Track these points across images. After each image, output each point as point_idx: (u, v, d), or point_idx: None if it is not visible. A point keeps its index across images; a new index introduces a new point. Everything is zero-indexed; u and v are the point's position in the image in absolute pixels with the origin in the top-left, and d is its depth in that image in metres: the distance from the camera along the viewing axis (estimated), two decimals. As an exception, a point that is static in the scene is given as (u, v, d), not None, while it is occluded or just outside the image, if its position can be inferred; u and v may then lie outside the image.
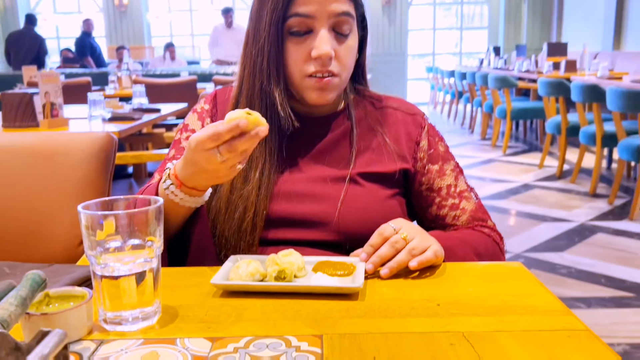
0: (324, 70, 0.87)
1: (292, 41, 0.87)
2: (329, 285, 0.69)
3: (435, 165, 0.97)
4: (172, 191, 0.78)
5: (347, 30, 0.89)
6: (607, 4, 8.53)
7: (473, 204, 0.97)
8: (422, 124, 0.99)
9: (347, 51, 0.89)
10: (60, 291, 0.62)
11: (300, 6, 0.85)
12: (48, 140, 1.25)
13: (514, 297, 0.67)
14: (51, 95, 2.40)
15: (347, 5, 0.87)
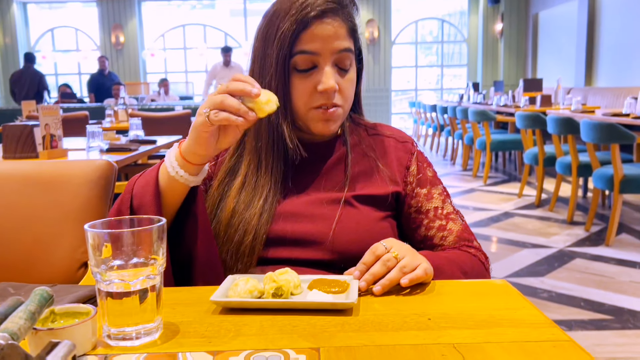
0: (330, 103, 0.92)
1: (298, 76, 0.92)
2: (324, 301, 0.71)
3: (424, 189, 1.02)
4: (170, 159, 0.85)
5: (348, 65, 0.94)
6: (579, 42, 8.86)
7: (459, 226, 1.01)
8: (412, 150, 1.05)
9: (348, 84, 0.95)
10: (66, 308, 0.64)
11: (306, 44, 0.90)
12: (49, 167, 1.27)
13: (501, 311, 0.71)
14: (51, 127, 2.44)
15: (348, 42, 0.93)
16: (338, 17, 0.92)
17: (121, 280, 0.62)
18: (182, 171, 0.84)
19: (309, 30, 0.90)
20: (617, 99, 6.59)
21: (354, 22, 0.96)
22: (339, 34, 0.92)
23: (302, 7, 0.90)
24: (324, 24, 0.91)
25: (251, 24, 12.44)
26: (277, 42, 0.91)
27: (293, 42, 0.90)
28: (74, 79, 12.67)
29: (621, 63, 7.83)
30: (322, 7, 0.91)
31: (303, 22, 0.90)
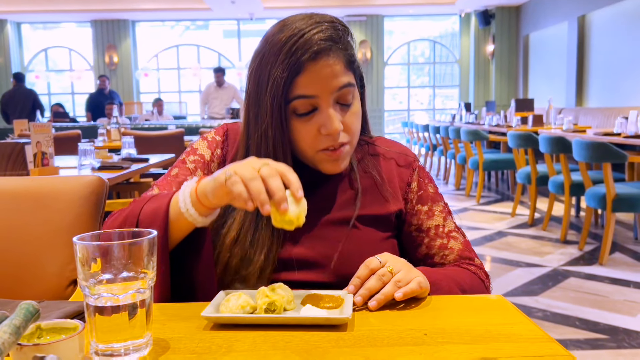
0: (337, 145, 0.89)
1: (299, 120, 0.88)
2: (318, 316, 0.70)
3: (425, 207, 0.99)
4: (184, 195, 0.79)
5: (350, 99, 0.90)
6: (569, 64, 8.98)
7: (460, 244, 0.99)
8: (414, 165, 1.02)
9: (353, 118, 0.91)
10: (52, 323, 0.62)
11: (302, 89, 0.85)
12: (39, 183, 1.26)
13: (498, 326, 0.70)
14: (42, 145, 2.42)
15: (347, 77, 0.88)
16: (332, 54, 0.86)
17: (110, 294, 0.61)
18: (192, 209, 0.78)
19: (304, 75, 0.85)
20: (608, 119, 6.65)
21: (350, 52, 0.90)
22: (336, 72, 0.87)
23: (293, 51, 0.84)
24: (319, 65, 0.85)
25: (245, 44, 12.55)
26: (270, 90, 0.86)
27: (287, 89, 0.85)
28: (67, 98, 12.68)
29: (611, 84, 7.93)
30: (314, 48, 0.85)
31: (296, 68, 0.84)
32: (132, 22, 12.21)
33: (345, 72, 0.88)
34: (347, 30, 0.91)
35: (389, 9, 11.58)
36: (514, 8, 11.21)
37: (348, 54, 0.89)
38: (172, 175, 0.98)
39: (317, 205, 0.93)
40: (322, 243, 0.90)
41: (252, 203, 0.71)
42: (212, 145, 1.01)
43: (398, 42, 12.61)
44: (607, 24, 8.06)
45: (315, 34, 0.85)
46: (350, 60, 0.90)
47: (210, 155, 1.00)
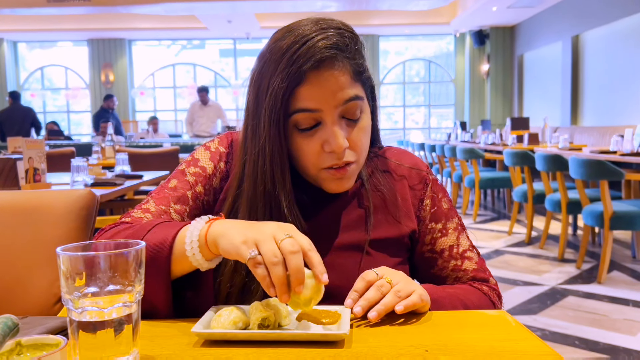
0: (341, 163, 0.82)
1: (300, 136, 0.81)
2: (314, 332, 0.67)
3: (439, 224, 0.93)
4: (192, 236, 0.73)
5: (357, 114, 0.83)
6: (564, 83, 9.06)
7: (475, 264, 0.94)
8: (427, 180, 0.95)
9: (361, 134, 0.83)
10: (33, 339, 0.59)
11: (304, 101, 0.78)
12: (29, 197, 1.23)
13: (502, 342, 0.67)
14: (35, 161, 2.39)
15: (354, 89, 0.81)
16: (337, 63, 0.79)
17: (95, 307, 0.58)
18: (199, 255, 0.73)
19: (305, 86, 0.78)
20: (603, 138, 6.68)
21: (358, 62, 0.82)
22: (342, 83, 0.79)
23: (294, 59, 0.77)
24: (322, 76, 0.78)
25: (241, 63, 12.62)
26: (268, 102, 0.79)
27: (287, 101, 0.78)
28: (63, 116, 12.67)
29: (606, 102, 7.98)
30: (317, 56, 0.77)
31: (297, 77, 0.77)
32: (129, 41, 12.27)
33: (352, 84, 0.81)
34: (355, 38, 0.83)
35: (384, 29, 11.69)
36: (508, 28, 11.33)
37: (356, 63, 0.82)
38: (169, 188, 0.90)
39: (323, 226, 0.87)
40: (332, 272, 0.81)
41: (274, 290, 0.66)
42: (215, 157, 0.92)
43: (393, 62, 12.71)
44: (600, 43, 8.15)
45: (319, 40, 0.78)
46: (358, 71, 0.82)
47: (212, 168, 0.91)
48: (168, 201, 0.89)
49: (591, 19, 8.11)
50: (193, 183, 0.90)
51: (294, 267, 0.65)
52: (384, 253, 0.88)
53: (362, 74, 0.84)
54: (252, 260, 0.67)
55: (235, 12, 9.72)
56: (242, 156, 0.86)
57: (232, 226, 0.72)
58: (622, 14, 7.31)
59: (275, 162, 0.81)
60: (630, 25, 7.25)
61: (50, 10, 9.00)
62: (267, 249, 0.67)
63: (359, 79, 0.83)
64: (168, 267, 0.75)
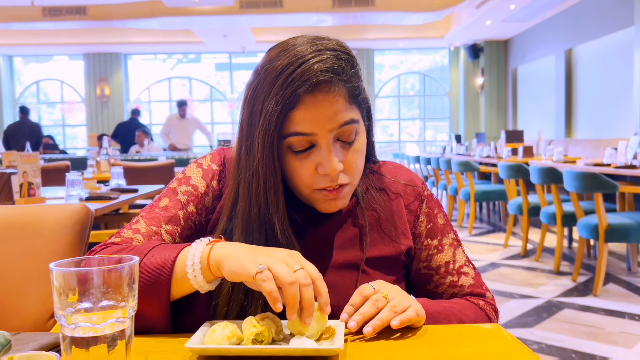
0: (335, 185, 0.81)
1: (294, 157, 0.80)
2: (308, 347, 0.66)
3: (434, 240, 0.93)
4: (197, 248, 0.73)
5: (352, 137, 0.82)
6: (557, 96, 9.13)
7: (471, 279, 0.93)
8: (422, 195, 0.94)
9: (355, 156, 0.83)
10: (25, 356, 0.58)
11: (298, 125, 0.77)
12: (23, 212, 1.22)
13: (496, 356, 0.67)
14: (29, 175, 2.39)
15: (350, 113, 0.80)
16: (333, 87, 0.78)
17: (89, 323, 0.57)
18: (201, 277, 0.73)
19: (300, 109, 0.76)
20: (597, 150, 6.72)
21: (354, 84, 0.81)
22: (337, 107, 0.78)
23: (289, 82, 0.76)
24: (317, 99, 0.77)
25: (236, 77, 12.66)
26: (262, 124, 0.77)
27: (281, 124, 0.77)
28: (58, 130, 12.66)
29: (599, 115, 8.04)
30: (312, 80, 0.76)
31: (291, 101, 0.76)
32: (125, 55, 12.31)
33: (348, 108, 0.80)
34: (352, 60, 0.82)
35: (379, 43, 11.78)
36: (502, 42, 11.44)
37: (352, 86, 0.81)
38: (160, 207, 0.88)
39: (318, 246, 0.87)
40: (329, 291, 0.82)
41: (281, 306, 0.66)
42: (207, 176, 0.90)
43: (388, 76, 12.79)
44: (593, 57, 8.23)
45: (315, 63, 0.76)
46: (354, 94, 0.81)
47: (204, 187, 0.89)
48: (159, 221, 0.87)
49: (584, 33, 8.20)
50: (185, 202, 0.88)
51: (307, 300, 0.66)
52: (380, 271, 0.87)
53: (358, 96, 0.83)
54: (260, 274, 0.67)
55: (231, 26, 9.78)
56: (236, 176, 0.84)
57: (238, 249, 0.72)
58: (614, 28, 7.39)
59: (268, 185, 0.80)
60: (622, 39, 7.33)
61: (47, 24, 9.04)
62: (281, 269, 0.67)
63: (354, 102, 0.82)
64: (168, 289, 0.74)
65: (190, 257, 0.73)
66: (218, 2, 8.38)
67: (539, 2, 8.16)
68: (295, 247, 0.80)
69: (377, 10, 8.61)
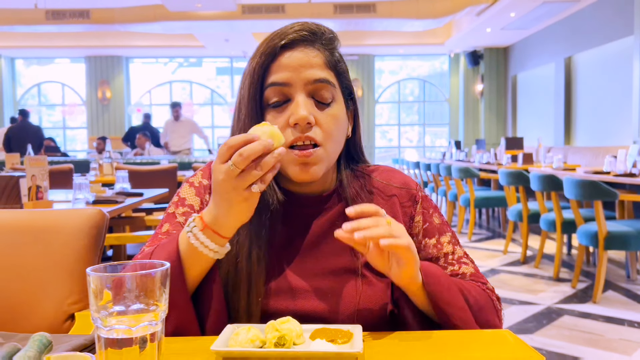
0: (304, 137, 0.82)
1: (272, 112, 0.85)
2: (328, 350, 0.69)
3: (432, 239, 0.94)
4: (195, 233, 0.77)
5: (328, 98, 0.85)
6: (556, 103, 9.18)
7: (472, 268, 0.94)
8: (417, 197, 0.96)
9: (329, 119, 0.84)
10: (62, 356, 0.61)
11: (274, 75, 0.83)
12: (40, 216, 1.25)
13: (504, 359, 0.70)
14: (37, 179, 2.42)
15: (325, 73, 0.85)
16: (312, 47, 0.85)
17: (123, 326, 0.60)
18: (207, 240, 0.77)
19: (278, 60, 0.84)
20: (596, 158, 6.75)
21: (333, 53, 0.87)
22: (313, 63, 0.84)
23: (273, 38, 0.85)
24: (295, 52, 0.84)
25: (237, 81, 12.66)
26: (249, 79, 0.86)
27: (263, 77, 0.84)
28: (59, 132, 12.68)
29: (598, 123, 8.09)
30: (292, 36, 0.84)
31: (272, 53, 0.84)
32: (126, 59, 12.35)
33: (325, 69, 0.85)
34: (333, 34, 0.88)
35: (380, 49, 11.84)
36: (502, 49, 11.50)
37: (330, 53, 0.87)
38: (163, 233, 0.92)
39: (313, 252, 0.88)
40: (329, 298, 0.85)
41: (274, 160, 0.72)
42: (200, 192, 0.94)
43: (389, 81, 12.84)
44: (592, 65, 8.28)
45: (297, 26, 0.86)
46: (332, 61, 0.86)
47: (199, 203, 0.93)
48: None
49: (583, 41, 8.26)
50: (184, 223, 0.91)
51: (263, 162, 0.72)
52: (379, 274, 0.86)
53: (337, 65, 0.87)
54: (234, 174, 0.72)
55: (233, 31, 9.83)
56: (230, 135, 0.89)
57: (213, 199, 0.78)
58: (613, 37, 7.45)
59: None
60: (621, 47, 7.38)
61: (49, 27, 9.07)
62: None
63: (332, 68, 0.86)
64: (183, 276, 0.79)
65: (192, 239, 0.78)
66: (220, 7, 8.43)
67: (539, 11, 8.22)
68: (277, 193, 0.87)
69: (378, 17, 8.67)
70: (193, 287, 0.82)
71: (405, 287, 0.81)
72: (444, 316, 0.81)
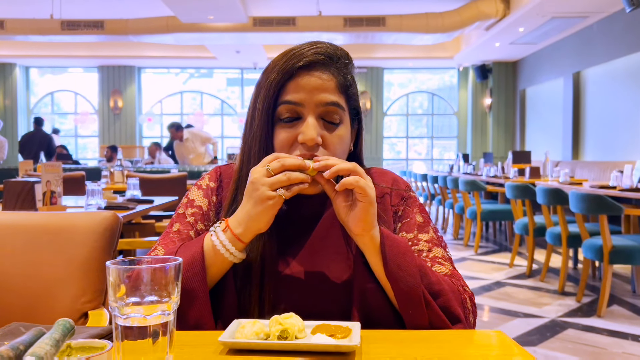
0: (310, 155, 0.88)
1: (282, 127, 0.91)
2: (328, 343, 0.74)
3: (410, 234, 0.97)
4: (217, 233, 0.86)
5: (337, 120, 0.91)
6: (565, 118, 9.19)
7: (448, 270, 0.93)
8: (404, 195, 1.01)
9: (336, 140, 0.91)
10: (82, 342, 0.66)
11: (290, 94, 0.90)
12: (57, 218, 1.31)
13: (494, 357, 0.74)
14: (52, 184, 2.49)
15: (336, 97, 0.91)
16: (327, 71, 0.91)
17: (139, 314, 0.65)
18: (230, 245, 0.86)
19: (294, 81, 0.89)
20: (604, 173, 6.76)
21: (346, 77, 0.93)
22: (326, 87, 0.90)
23: (291, 58, 0.90)
24: (310, 76, 0.90)
25: (247, 92, 12.82)
26: (264, 92, 0.91)
27: (279, 92, 0.90)
28: (71, 141, 12.84)
29: (607, 138, 8.09)
30: (310, 58, 0.90)
31: (289, 72, 0.89)
32: (138, 69, 12.52)
33: (337, 93, 0.91)
34: (348, 56, 0.95)
35: (389, 62, 11.93)
36: (511, 63, 11.55)
37: (343, 77, 0.93)
38: (174, 232, 0.98)
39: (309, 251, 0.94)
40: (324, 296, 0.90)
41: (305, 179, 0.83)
42: (207, 194, 1.01)
43: (397, 94, 12.91)
44: (601, 80, 8.31)
45: (314, 48, 0.92)
46: (344, 85, 0.93)
47: (207, 205, 1.00)
48: (175, 244, 0.96)
49: (592, 56, 8.29)
50: (193, 223, 0.98)
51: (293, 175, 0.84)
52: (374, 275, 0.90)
53: (348, 88, 0.94)
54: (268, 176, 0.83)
55: (244, 43, 9.95)
56: (242, 146, 0.97)
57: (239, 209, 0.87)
58: (622, 53, 7.48)
59: (262, 146, 0.92)
60: (631, 63, 7.41)
61: (64, 37, 9.24)
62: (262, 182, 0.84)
63: (344, 92, 0.93)
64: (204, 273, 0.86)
65: (213, 236, 0.86)
66: (232, 20, 8.56)
67: (548, 26, 8.27)
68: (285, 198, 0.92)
69: (388, 31, 8.75)
70: (211, 285, 0.88)
71: (359, 236, 0.86)
72: (392, 280, 0.84)
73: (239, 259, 0.87)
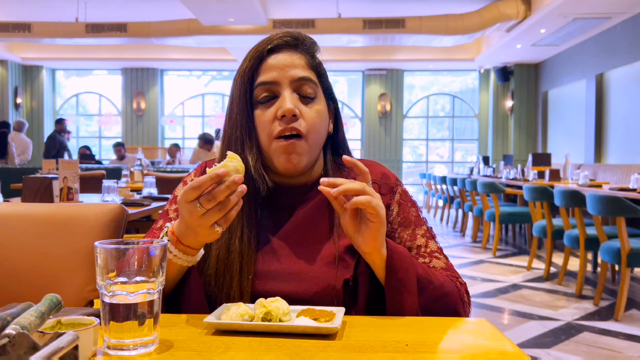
0: (290, 128, 0.91)
1: (260, 108, 0.95)
2: (310, 325, 0.76)
3: (408, 230, 0.99)
4: (168, 247, 0.82)
5: (311, 94, 0.95)
6: (587, 120, 9.05)
7: (443, 263, 0.98)
8: (395, 188, 1.02)
9: (313, 113, 0.94)
10: (71, 319, 0.70)
11: (263, 75, 0.94)
12: (64, 210, 1.35)
13: (478, 343, 0.75)
14: (69, 181, 2.57)
15: (307, 72, 0.96)
16: (296, 51, 0.96)
17: (124, 292, 0.68)
18: (179, 253, 0.85)
19: (265, 62, 0.95)
20: (627, 176, 6.64)
21: (314, 57, 0.99)
22: (296, 64, 0.95)
23: (260, 45, 0.96)
24: (280, 55, 0.95)
25: (268, 95, 12.90)
26: (240, 80, 0.95)
27: (252, 77, 0.95)
28: (94, 142, 13.08)
29: (630, 141, 7.94)
30: (277, 41, 0.96)
31: (259, 57, 0.95)
32: (161, 71, 12.70)
33: (307, 69, 0.96)
34: (314, 42, 1.00)
35: (409, 64, 11.89)
36: (533, 65, 11.41)
37: (311, 57, 0.98)
38: (156, 228, 1.02)
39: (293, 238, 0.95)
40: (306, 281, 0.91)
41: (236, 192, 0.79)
42: None
43: (418, 96, 12.86)
44: (624, 82, 8.16)
45: (281, 33, 0.97)
46: (313, 64, 0.98)
47: None
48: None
49: (615, 58, 8.16)
50: (175, 218, 1.00)
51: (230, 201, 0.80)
52: (355, 258, 0.93)
53: (318, 67, 0.99)
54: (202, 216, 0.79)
55: (264, 45, 10.01)
56: (223, 135, 0.99)
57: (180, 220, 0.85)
58: (646, 54, 7.34)
59: (243, 128, 0.95)
60: (655, 65, 7.26)
61: (89, 40, 9.44)
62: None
63: (314, 69, 0.97)
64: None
65: None
66: (252, 22, 8.64)
67: (570, 27, 8.16)
68: (267, 181, 0.94)
69: (407, 33, 8.73)
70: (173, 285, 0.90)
71: (368, 254, 0.87)
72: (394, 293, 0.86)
73: (196, 261, 0.88)
